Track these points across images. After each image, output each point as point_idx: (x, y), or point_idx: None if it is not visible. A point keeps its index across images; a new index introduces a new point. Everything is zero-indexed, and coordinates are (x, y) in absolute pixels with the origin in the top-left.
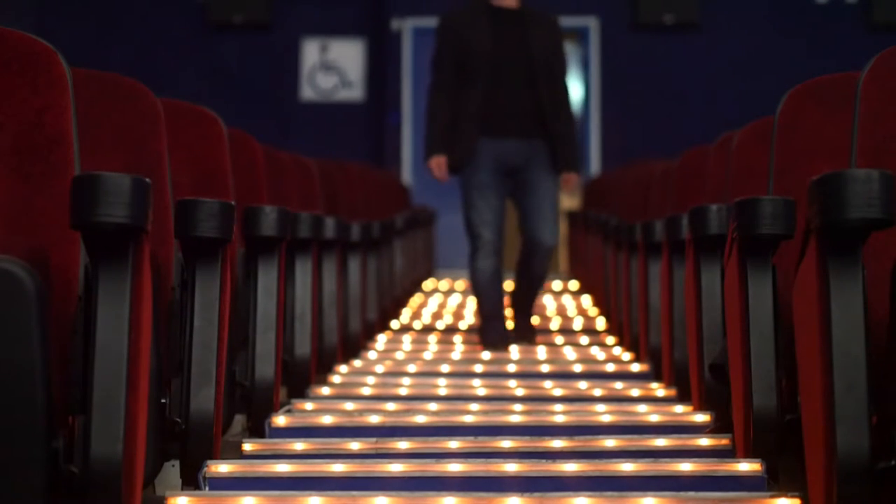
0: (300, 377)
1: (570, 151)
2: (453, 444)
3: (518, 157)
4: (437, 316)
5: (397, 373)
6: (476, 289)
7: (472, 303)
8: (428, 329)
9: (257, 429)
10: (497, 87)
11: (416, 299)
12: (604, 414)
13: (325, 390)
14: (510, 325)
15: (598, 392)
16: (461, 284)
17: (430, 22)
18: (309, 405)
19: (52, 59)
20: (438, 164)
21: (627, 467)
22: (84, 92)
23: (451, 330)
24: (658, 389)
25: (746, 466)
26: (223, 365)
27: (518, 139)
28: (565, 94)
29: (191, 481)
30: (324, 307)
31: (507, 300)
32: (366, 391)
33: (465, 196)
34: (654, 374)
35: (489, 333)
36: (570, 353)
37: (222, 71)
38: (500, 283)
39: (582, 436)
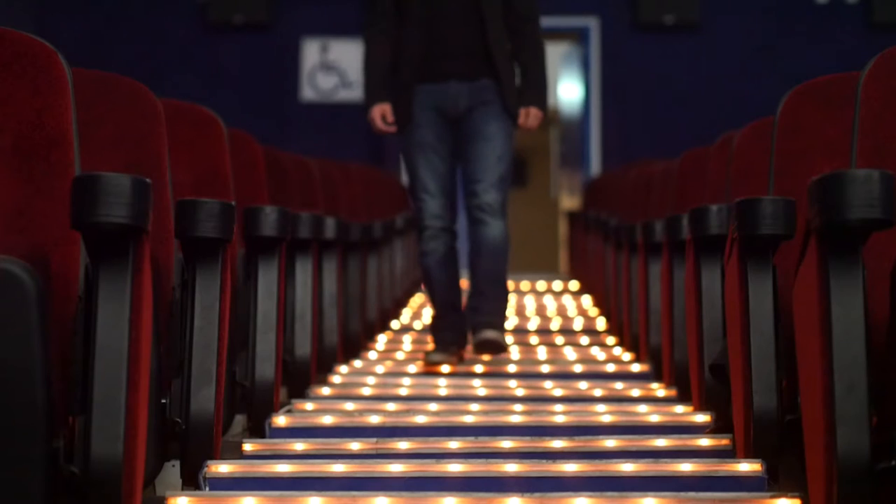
0: (300, 377)
1: (534, 86)
2: (453, 444)
3: (461, 101)
4: None
5: (397, 373)
6: (426, 276)
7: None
8: (428, 329)
9: (257, 429)
10: (436, 25)
11: (416, 299)
12: (604, 414)
13: (326, 390)
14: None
15: (598, 392)
16: (462, 284)
17: None
18: (309, 405)
19: (53, 60)
20: (382, 111)
21: (628, 467)
22: (84, 92)
23: None
24: (658, 390)
25: (747, 467)
26: (223, 365)
27: (460, 80)
28: (532, 32)
29: (191, 481)
30: (324, 307)
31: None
32: (366, 391)
33: (405, 160)
34: (655, 375)
35: (440, 332)
36: (570, 353)
37: (222, 71)
38: (453, 266)
39: (582, 436)
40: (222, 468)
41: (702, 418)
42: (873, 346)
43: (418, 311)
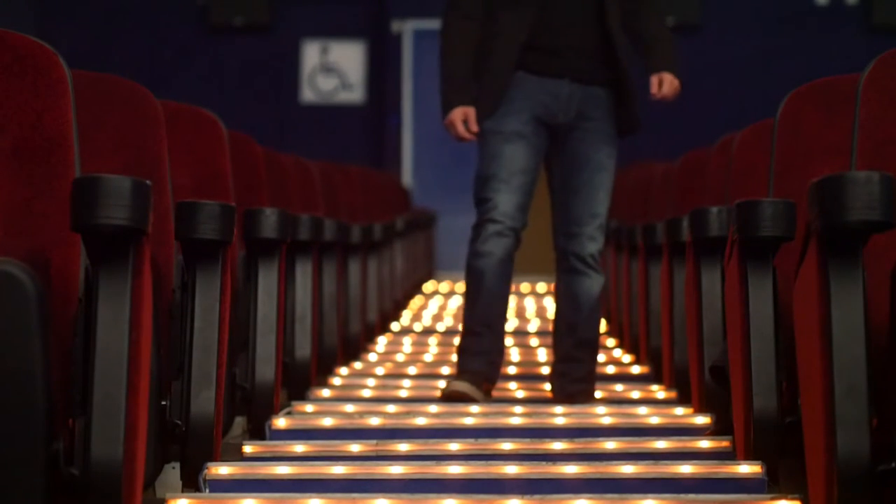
0: (300, 379)
1: (666, 50)
2: (454, 446)
3: (568, 105)
4: (438, 318)
5: (397, 375)
6: (471, 282)
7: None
8: (428, 331)
9: (258, 431)
10: (547, 9)
11: (416, 301)
12: (604, 416)
13: (326, 392)
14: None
15: (598, 394)
16: (462, 286)
17: (431, 24)
18: (309, 407)
19: (53, 62)
20: (465, 114)
21: (628, 469)
22: (84, 94)
23: (452, 332)
24: (658, 391)
25: (747, 469)
26: (223, 367)
27: (571, 81)
28: (654, 3)
29: (191, 483)
30: (324, 309)
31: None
32: (366, 393)
33: (484, 146)
34: (655, 377)
35: (470, 357)
36: None
37: (223, 73)
38: (508, 277)
39: (582, 438)
40: (222, 470)
41: (702, 420)
42: (873, 347)
43: (418, 313)
